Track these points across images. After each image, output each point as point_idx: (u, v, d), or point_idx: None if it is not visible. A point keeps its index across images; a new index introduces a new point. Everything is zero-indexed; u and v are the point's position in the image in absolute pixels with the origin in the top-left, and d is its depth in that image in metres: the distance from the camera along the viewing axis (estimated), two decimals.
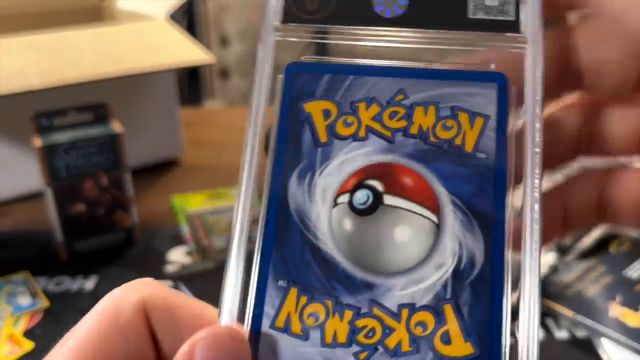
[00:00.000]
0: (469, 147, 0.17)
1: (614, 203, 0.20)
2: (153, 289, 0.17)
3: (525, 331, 0.16)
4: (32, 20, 0.71)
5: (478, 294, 0.16)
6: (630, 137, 0.19)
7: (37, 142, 0.50)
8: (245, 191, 0.19)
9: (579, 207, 0.20)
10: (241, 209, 0.19)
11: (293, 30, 0.19)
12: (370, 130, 0.18)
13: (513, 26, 0.17)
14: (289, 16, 0.18)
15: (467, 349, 0.16)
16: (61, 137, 0.51)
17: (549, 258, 0.48)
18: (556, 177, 0.23)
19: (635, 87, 0.18)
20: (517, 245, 0.16)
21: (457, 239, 0.17)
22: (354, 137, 0.18)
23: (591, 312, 0.44)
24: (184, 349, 0.15)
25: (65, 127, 0.53)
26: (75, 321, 0.18)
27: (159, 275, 0.51)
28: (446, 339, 0.16)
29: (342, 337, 0.16)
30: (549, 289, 0.47)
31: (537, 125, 0.17)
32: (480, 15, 0.17)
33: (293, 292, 0.17)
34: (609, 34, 0.17)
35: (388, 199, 0.17)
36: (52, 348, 0.17)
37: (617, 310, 0.44)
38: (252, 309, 0.17)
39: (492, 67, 0.18)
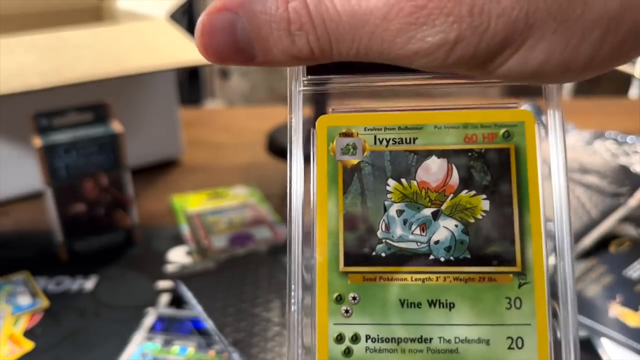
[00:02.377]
0: None
1: None
2: None
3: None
4: (32, 20, 0.71)
5: None
6: None
7: (37, 142, 0.50)
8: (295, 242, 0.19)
9: None
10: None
11: (321, 81, 0.19)
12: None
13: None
14: (315, 67, 0.18)
15: None
16: (61, 137, 0.51)
17: (549, 258, 0.48)
18: None
19: None
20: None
21: None
22: None
23: (591, 312, 0.44)
24: None
25: (65, 127, 0.53)
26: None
27: (159, 275, 0.51)
28: None
29: None
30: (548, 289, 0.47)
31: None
32: None
33: None
34: None
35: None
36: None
37: (617, 310, 0.44)
38: None
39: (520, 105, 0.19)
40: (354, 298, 0.19)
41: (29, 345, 0.44)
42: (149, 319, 0.46)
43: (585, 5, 0.15)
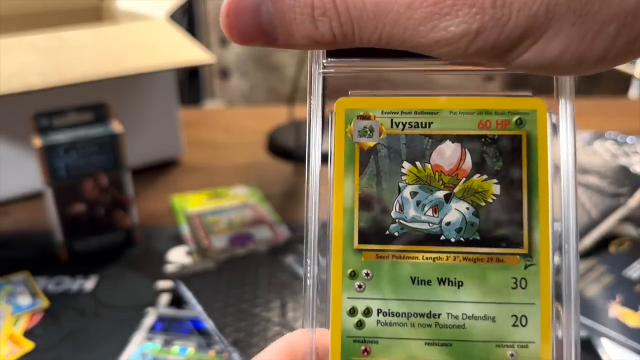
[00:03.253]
0: None
1: None
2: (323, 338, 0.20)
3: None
4: (32, 20, 0.71)
5: None
6: None
7: (37, 142, 0.50)
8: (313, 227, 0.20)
9: None
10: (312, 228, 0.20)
11: (341, 64, 0.19)
12: None
13: None
14: (335, 50, 0.19)
15: None
16: (61, 137, 0.51)
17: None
18: None
19: None
20: None
21: None
22: None
23: (591, 312, 0.44)
24: None
25: (65, 127, 0.53)
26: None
27: (159, 275, 0.51)
28: None
29: None
30: None
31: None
32: None
33: None
34: None
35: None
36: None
37: (617, 310, 0.44)
38: None
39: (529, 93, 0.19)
40: (367, 274, 0.19)
41: (28, 345, 0.44)
42: (149, 319, 0.46)
43: (603, 1, 0.15)
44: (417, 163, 0.19)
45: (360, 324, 0.19)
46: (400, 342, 0.19)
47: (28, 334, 0.45)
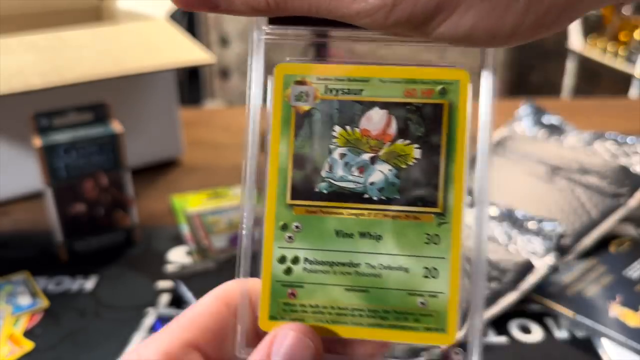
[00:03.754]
0: None
1: None
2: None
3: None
4: (32, 20, 0.71)
5: None
6: None
7: (37, 142, 0.50)
8: (248, 190, 0.21)
9: None
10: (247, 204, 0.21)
11: (280, 31, 0.21)
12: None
13: None
14: (275, 18, 0.20)
15: None
16: (61, 137, 0.51)
17: (549, 258, 0.48)
18: None
19: None
20: None
21: None
22: None
23: (591, 312, 0.44)
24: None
25: (65, 127, 0.53)
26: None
27: (159, 275, 0.51)
28: None
29: None
30: (549, 289, 0.47)
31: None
32: None
33: None
34: None
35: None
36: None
37: (617, 310, 0.44)
38: None
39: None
40: (297, 227, 0.21)
41: (28, 345, 0.44)
42: (149, 319, 0.46)
43: None
44: (348, 127, 0.21)
45: (288, 271, 0.21)
46: (323, 287, 0.21)
47: (28, 334, 0.45)
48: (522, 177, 0.59)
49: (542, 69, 2.46)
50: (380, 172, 0.21)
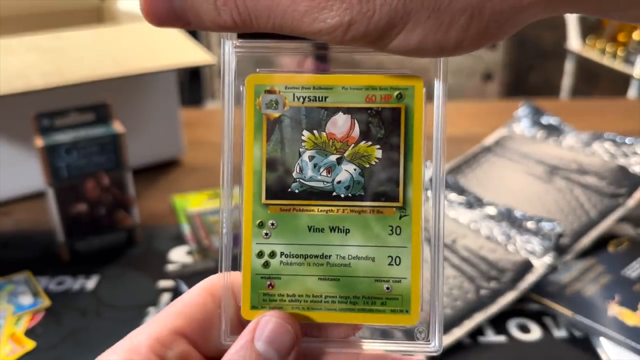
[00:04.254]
0: None
1: None
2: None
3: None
4: (34, 21, 0.72)
5: None
6: None
7: (39, 142, 0.51)
8: (226, 185, 0.23)
9: None
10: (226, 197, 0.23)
11: (250, 45, 0.22)
12: None
13: None
14: (244, 33, 0.22)
15: None
16: (63, 137, 0.52)
17: (548, 258, 0.48)
18: None
19: None
20: None
21: None
22: None
23: (590, 311, 0.45)
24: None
25: (66, 127, 0.53)
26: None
27: (160, 274, 0.52)
28: None
29: None
30: (547, 289, 0.47)
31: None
32: None
33: None
34: None
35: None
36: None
37: (615, 310, 0.45)
38: None
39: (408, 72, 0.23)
40: (272, 224, 0.23)
41: (30, 345, 0.44)
42: (150, 318, 0.46)
43: None
44: (315, 131, 0.23)
45: (266, 264, 0.23)
46: (298, 278, 0.23)
47: (29, 333, 0.45)
48: (521, 177, 0.59)
49: (541, 69, 2.46)
50: (346, 172, 0.23)
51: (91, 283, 0.51)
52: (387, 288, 0.23)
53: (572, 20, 2.00)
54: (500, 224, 0.52)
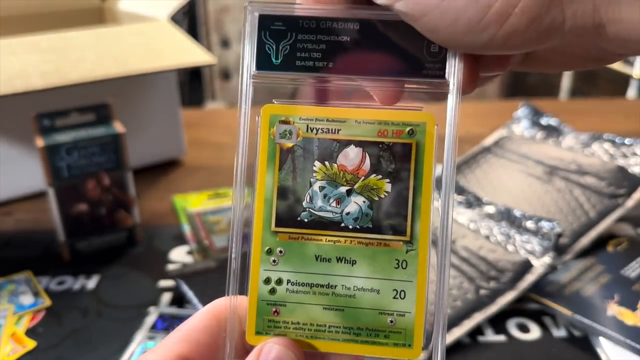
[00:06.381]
0: None
1: None
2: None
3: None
4: (35, 21, 0.72)
5: None
6: None
7: (40, 142, 0.51)
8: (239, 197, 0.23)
9: None
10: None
11: (266, 76, 0.23)
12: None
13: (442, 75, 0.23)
14: (261, 64, 0.23)
15: None
16: (63, 137, 0.52)
17: (547, 258, 0.48)
18: None
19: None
20: None
21: None
22: None
23: (589, 311, 0.45)
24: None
25: (67, 128, 0.53)
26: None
27: (160, 274, 0.52)
28: None
29: None
30: (547, 288, 0.47)
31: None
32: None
33: None
34: None
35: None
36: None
37: (615, 310, 0.45)
38: None
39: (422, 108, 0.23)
40: (281, 251, 0.23)
41: (31, 344, 0.44)
42: (151, 317, 0.47)
43: None
44: (326, 162, 0.23)
45: (272, 291, 0.23)
46: (303, 306, 0.23)
47: (30, 332, 0.45)
48: (520, 177, 0.59)
49: None
50: (355, 204, 0.23)
51: (92, 283, 0.51)
52: (391, 321, 0.23)
53: None
54: (500, 223, 0.52)
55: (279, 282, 0.23)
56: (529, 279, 0.47)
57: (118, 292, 0.50)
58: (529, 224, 0.50)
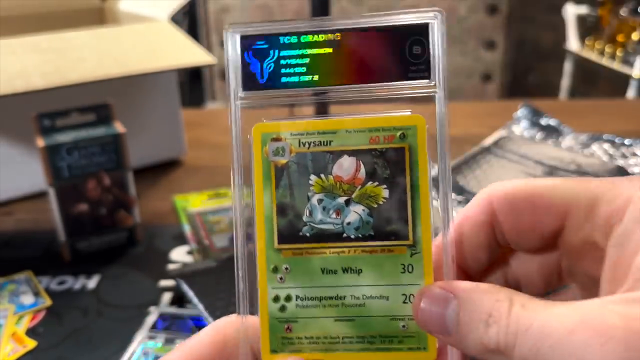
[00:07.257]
0: None
1: None
2: None
3: None
4: (35, 21, 0.72)
5: None
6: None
7: (40, 142, 0.51)
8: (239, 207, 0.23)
9: None
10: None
11: (253, 97, 0.23)
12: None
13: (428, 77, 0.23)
14: (248, 85, 0.23)
15: None
16: (64, 137, 0.52)
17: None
18: None
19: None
20: None
21: None
22: None
23: None
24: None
25: (67, 128, 0.53)
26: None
27: (161, 274, 0.52)
28: None
29: None
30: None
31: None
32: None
33: None
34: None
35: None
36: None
37: None
38: None
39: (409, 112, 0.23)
40: (286, 268, 0.23)
41: (31, 344, 0.44)
42: (151, 317, 0.47)
43: None
44: (322, 175, 0.23)
45: (283, 308, 0.23)
46: (315, 320, 0.23)
47: (31, 332, 0.45)
48: (520, 177, 0.59)
49: (540, 70, 2.46)
50: (355, 213, 0.23)
51: (92, 282, 0.51)
52: (403, 326, 0.23)
53: (571, 21, 2.00)
54: None
55: (288, 298, 0.23)
56: None
57: (118, 292, 0.50)
58: None
